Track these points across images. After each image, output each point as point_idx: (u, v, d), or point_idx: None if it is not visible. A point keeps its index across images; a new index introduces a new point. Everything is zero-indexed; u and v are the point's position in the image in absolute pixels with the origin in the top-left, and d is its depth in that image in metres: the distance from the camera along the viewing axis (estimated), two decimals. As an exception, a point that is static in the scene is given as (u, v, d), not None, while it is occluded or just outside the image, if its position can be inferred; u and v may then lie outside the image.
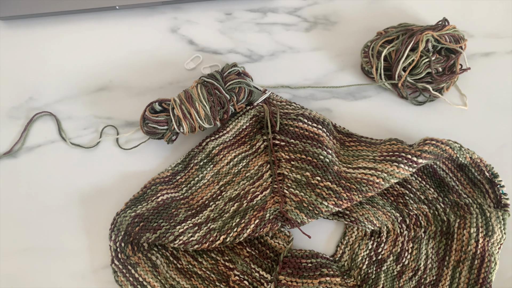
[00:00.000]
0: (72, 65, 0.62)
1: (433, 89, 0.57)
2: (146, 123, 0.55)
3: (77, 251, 0.55)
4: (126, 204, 0.54)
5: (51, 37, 0.64)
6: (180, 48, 0.63)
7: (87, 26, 0.64)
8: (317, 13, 0.64)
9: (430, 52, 0.56)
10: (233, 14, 0.64)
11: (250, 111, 0.57)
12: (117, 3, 0.62)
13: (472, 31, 0.62)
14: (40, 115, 0.60)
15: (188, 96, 0.54)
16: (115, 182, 0.57)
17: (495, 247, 0.51)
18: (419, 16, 0.63)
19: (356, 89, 0.60)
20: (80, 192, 0.57)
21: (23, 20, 0.64)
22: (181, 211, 0.53)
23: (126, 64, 0.62)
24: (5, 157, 0.59)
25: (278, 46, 0.63)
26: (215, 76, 0.55)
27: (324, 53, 0.62)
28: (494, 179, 0.52)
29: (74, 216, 0.56)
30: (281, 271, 0.51)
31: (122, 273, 0.52)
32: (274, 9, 0.64)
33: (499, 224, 0.51)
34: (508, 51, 0.61)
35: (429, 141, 0.52)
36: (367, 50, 0.58)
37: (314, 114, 0.56)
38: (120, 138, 0.59)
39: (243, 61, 0.62)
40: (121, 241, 0.53)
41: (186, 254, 0.54)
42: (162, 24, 0.64)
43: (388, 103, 0.60)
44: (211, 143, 0.56)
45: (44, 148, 0.59)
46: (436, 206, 0.53)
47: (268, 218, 0.52)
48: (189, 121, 0.54)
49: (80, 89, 0.61)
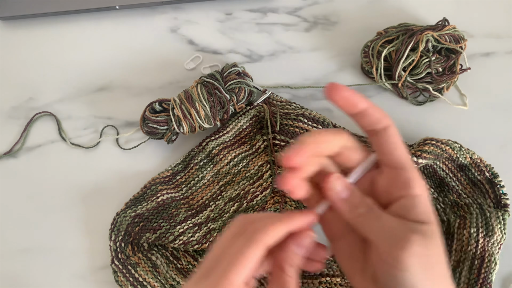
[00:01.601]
0: (72, 65, 0.62)
1: (433, 89, 0.57)
2: (146, 123, 0.55)
3: (77, 251, 0.55)
4: (126, 204, 0.54)
5: (51, 37, 0.64)
6: (180, 48, 0.63)
7: (87, 26, 0.64)
8: (317, 13, 0.64)
9: (430, 52, 0.56)
10: (233, 14, 0.64)
11: (250, 111, 0.57)
12: (117, 3, 0.62)
13: (472, 31, 0.62)
14: (40, 115, 0.60)
15: (188, 96, 0.54)
16: (115, 182, 0.57)
17: (495, 247, 0.51)
18: (419, 16, 0.63)
19: (356, 89, 0.60)
20: (80, 192, 0.57)
21: (23, 20, 0.64)
22: (181, 211, 0.53)
23: (126, 64, 0.62)
24: (5, 157, 0.59)
25: (278, 46, 0.63)
26: (215, 76, 0.55)
27: (324, 53, 0.62)
28: (494, 179, 0.52)
29: (74, 216, 0.56)
30: (281, 271, 0.51)
31: (122, 273, 0.52)
32: (274, 9, 0.64)
33: (499, 224, 0.51)
34: (508, 51, 0.61)
35: (429, 141, 0.52)
36: (367, 50, 0.58)
37: (314, 114, 0.56)
38: (120, 138, 0.59)
39: (243, 61, 0.62)
40: (121, 241, 0.53)
41: (186, 254, 0.54)
42: (162, 24, 0.64)
43: (388, 103, 0.59)
44: (211, 143, 0.56)
45: (44, 148, 0.59)
46: (436, 206, 0.53)
47: (268, 218, 0.52)
48: (189, 121, 0.54)
49: (80, 89, 0.61)
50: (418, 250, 0.29)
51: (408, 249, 0.29)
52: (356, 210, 0.31)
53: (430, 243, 0.30)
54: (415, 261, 0.29)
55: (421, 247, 0.29)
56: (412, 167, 0.32)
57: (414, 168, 0.32)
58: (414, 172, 0.31)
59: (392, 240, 0.30)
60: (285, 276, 0.31)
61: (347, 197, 0.32)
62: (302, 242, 0.31)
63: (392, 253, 0.29)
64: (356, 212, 0.31)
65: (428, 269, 0.30)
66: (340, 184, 0.32)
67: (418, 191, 0.31)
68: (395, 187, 0.31)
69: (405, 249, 0.29)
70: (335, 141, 0.32)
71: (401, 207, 0.31)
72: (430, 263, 0.30)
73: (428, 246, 0.30)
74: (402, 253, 0.29)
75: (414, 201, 0.31)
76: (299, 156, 0.30)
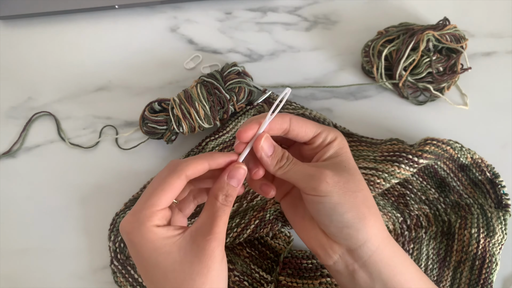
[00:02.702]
0: (71, 64, 0.62)
1: (434, 88, 0.57)
2: (146, 123, 0.54)
3: (76, 251, 0.55)
4: (125, 205, 0.54)
5: (51, 36, 0.63)
6: (180, 47, 0.63)
7: (87, 26, 0.64)
8: (317, 12, 0.64)
9: (431, 52, 0.55)
10: (233, 13, 0.64)
11: (250, 111, 0.57)
12: (117, 2, 0.62)
13: (473, 31, 0.62)
14: (39, 115, 0.60)
15: (188, 96, 0.53)
16: (114, 182, 0.57)
17: (496, 248, 0.51)
18: (420, 16, 0.63)
19: (357, 89, 0.60)
20: (79, 192, 0.57)
21: (23, 20, 0.64)
22: (180, 212, 0.53)
23: (126, 64, 0.62)
24: (4, 157, 0.58)
25: (278, 45, 0.62)
26: (215, 75, 0.55)
27: (324, 52, 0.62)
28: (495, 179, 0.52)
29: (73, 216, 0.56)
30: (281, 272, 0.50)
31: (122, 273, 0.52)
32: (274, 8, 0.64)
33: (500, 224, 0.51)
34: (509, 51, 0.61)
35: (430, 141, 0.52)
36: (368, 50, 0.58)
37: (315, 114, 0.56)
38: (119, 138, 0.59)
39: (243, 61, 0.62)
40: (121, 241, 0.53)
41: (186, 254, 0.53)
42: (162, 23, 0.64)
43: (388, 103, 0.59)
44: (211, 143, 0.56)
45: (43, 148, 0.59)
46: (437, 207, 0.53)
47: (268, 218, 0.52)
48: (189, 121, 0.53)
49: (79, 89, 0.61)
50: (331, 178, 0.36)
51: (321, 178, 0.36)
52: (279, 163, 0.38)
53: (343, 171, 0.37)
54: (332, 187, 0.36)
55: (333, 175, 0.37)
56: (325, 127, 0.40)
57: (327, 127, 0.40)
58: (327, 129, 0.40)
59: (310, 177, 0.37)
60: (216, 202, 0.37)
61: (272, 153, 0.38)
62: (232, 173, 0.37)
63: (311, 186, 0.36)
64: (279, 164, 0.38)
65: (347, 194, 0.36)
66: (266, 143, 0.38)
67: (332, 139, 0.39)
68: (319, 148, 0.40)
69: (320, 179, 0.36)
70: None
71: (318, 155, 0.40)
72: (348, 189, 0.36)
73: (342, 175, 0.37)
74: (318, 183, 0.36)
75: (330, 146, 0.39)
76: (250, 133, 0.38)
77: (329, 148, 0.39)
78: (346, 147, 0.40)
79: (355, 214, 0.36)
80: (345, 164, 0.38)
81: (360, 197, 0.37)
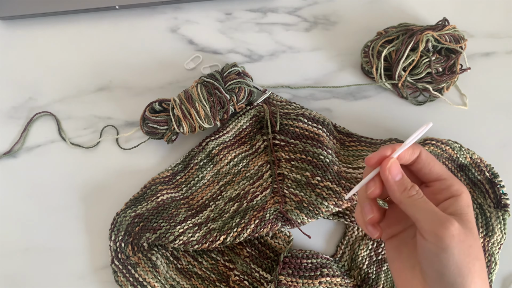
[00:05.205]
0: (72, 65, 0.62)
1: (433, 89, 0.57)
2: (146, 123, 0.55)
3: (77, 251, 0.55)
4: (126, 204, 0.54)
5: (51, 37, 0.63)
6: (180, 48, 0.63)
7: (87, 26, 0.64)
8: (317, 13, 0.64)
9: (430, 52, 0.56)
10: (233, 14, 0.64)
11: (250, 111, 0.57)
12: (117, 3, 0.62)
13: (472, 31, 0.62)
14: (40, 115, 0.60)
15: (188, 96, 0.54)
16: (115, 182, 0.57)
17: (495, 247, 0.51)
18: (419, 16, 0.63)
19: (356, 89, 0.60)
20: (80, 192, 0.57)
21: (23, 20, 0.64)
22: (181, 211, 0.53)
23: (126, 64, 0.62)
24: (5, 157, 0.59)
25: (278, 46, 0.63)
26: (215, 76, 0.55)
27: (324, 53, 0.62)
28: (494, 179, 0.52)
29: (74, 216, 0.56)
30: (281, 271, 0.51)
31: (122, 273, 0.52)
32: (274, 9, 0.64)
33: (499, 224, 0.51)
34: (508, 51, 0.61)
35: (429, 141, 0.52)
36: (367, 50, 0.58)
37: (314, 114, 0.56)
38: (120, 138, 0.59)
39: (243, 61, 0.62)
40: (121, 241, 0.53)
41: (186, 254, 0.54)
42: (162, 24, 0.64)
43: (388, 103, 0.59)
44: (211, 143, 0.56)
45: (44, 148, 0.59)
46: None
47: (268, 218, 0.52)
48: (189, 121, 0.53)
49: (80, 89, 0.61)
50: (458, 233, 0.33)
51: (449, 228, 0.33)
52: (407, 191, 0.36)
53: (470, 233, 0.34)
54: (456, 243, 0.33)
55: (460, 232, 0.34)
56: (451, 176, 0.38)
57: (453, 176, 0.38)
58: (454, 179, 0.38)
59: (436, 220, 0.34)
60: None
61: (399, 180, 0.37)
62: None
63: (435, 231, 0.34)
64: (407, 193, 0.36)
65: (468, 258, 0.34)
66: (395, 167, 0.37)
67: (457, 193, 0.37)
68: (439, 194, 0.37)
69: (447, 228, 0.33)
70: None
71: (441, 207, 0.36)
72: (470, 254, 0.34)
73: (467, 235, 0.34)
74: (444, 231, 0.33)
75: (455, 200, 0.36)
76: None
77: (453, 202, 0.36)
78: (471, 206, 0.37)
79: (468, 281, 0.34)
80: (471, 226, 0.35)
81: (477, 266, 0.34)
